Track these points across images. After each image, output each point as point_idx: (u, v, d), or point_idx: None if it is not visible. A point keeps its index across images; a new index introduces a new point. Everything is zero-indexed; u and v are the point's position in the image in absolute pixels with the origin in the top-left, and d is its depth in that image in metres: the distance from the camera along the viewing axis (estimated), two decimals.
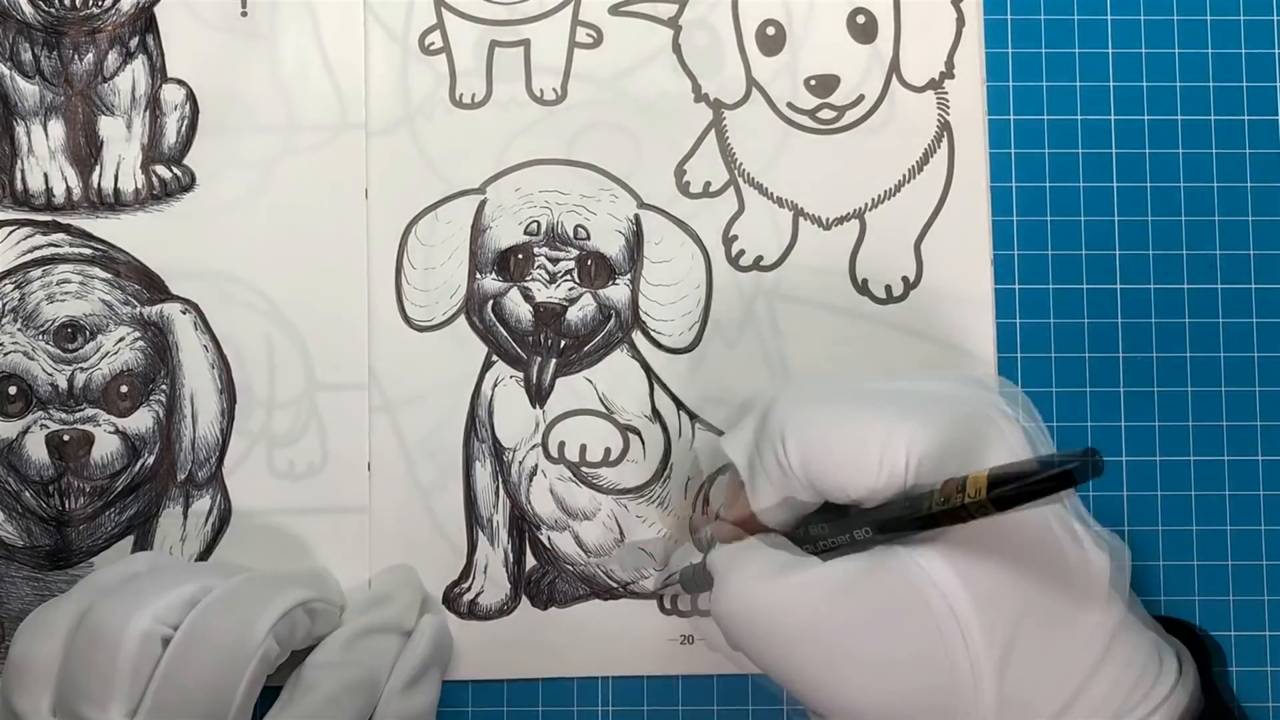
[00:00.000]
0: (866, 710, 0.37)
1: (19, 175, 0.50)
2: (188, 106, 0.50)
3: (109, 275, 0.49)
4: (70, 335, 0.49)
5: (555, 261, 0.50)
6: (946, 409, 0.39)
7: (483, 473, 0.50)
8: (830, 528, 0.40)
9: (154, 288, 0.50)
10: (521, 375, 0.50)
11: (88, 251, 0.49)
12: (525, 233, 0.50)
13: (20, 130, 0.50)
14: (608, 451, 0.49)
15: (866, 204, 0.50)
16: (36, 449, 0.48)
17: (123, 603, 0.41)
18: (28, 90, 0.50)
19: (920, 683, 0.36)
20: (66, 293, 0.49)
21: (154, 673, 0.40)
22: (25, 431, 0.48)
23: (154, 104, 0.50)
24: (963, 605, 0.36)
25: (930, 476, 0.37)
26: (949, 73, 0.51)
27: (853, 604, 0.37)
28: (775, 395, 0.41)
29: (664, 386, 0.50)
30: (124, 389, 0.49)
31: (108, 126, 0.50)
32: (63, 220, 0.50)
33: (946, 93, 0.51)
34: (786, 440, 0.39)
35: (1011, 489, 0.34)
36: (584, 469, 0.49)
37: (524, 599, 0.49)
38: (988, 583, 0.36)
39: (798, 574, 0.38)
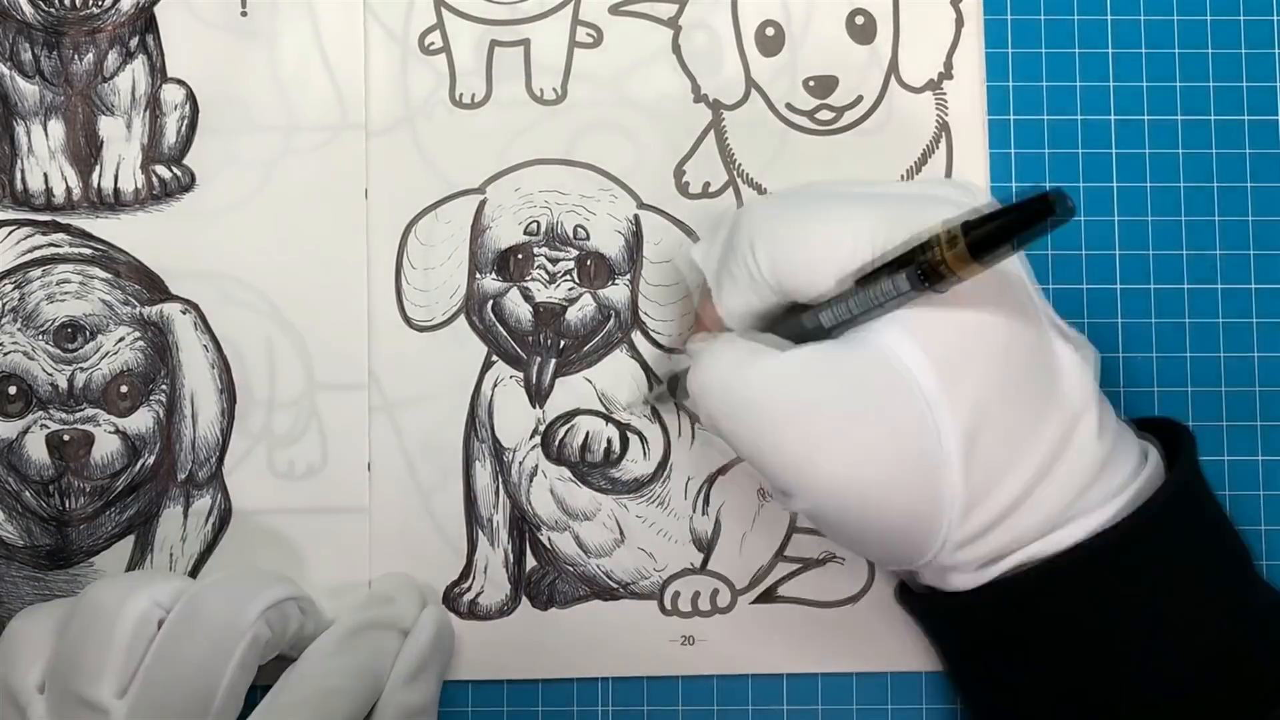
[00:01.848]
0: (838, 488, 0.37)
1: (19, 175, 0.50)
2: (188, 106, 0.50)
3: (109, 275, 0.49)
4: (70, 335, 0.49)
5: (555, 261, 0.50)
6: (911, 201, 0.39)
7: (483, 473, 0.50)
8: (804, 317, 0.40)
9: (154, 288, 0.50)
10: (521, 375, 0.50)
11: (88, 251, 0.50)
12: (525, 233, 0.50)
13: (20, 130, 0.50)
14: (608, 451, 0.49)
15: None
16: (36, 449, 0.48)
17: (120, 583, 0.42)
18: (28, 90, 0.50)
19: (889, 462, 0.36)
20: (66, 293, 0.49)
21: (146, 652, 0.41)
22: (25, 431, 0.48)
23: (154, 104, 0.50)
24: (929, 383, 0.36)
25: None
26: (948, 73, 0.51)
27: (821, 383, 0.37)
28: (743, 207, 0.42)
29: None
30: (124, 389, 0.49)
31: (108, 126, 0.50)
32: (63, 220, 0.50)
33: (945, 93, 0.51)
34: (755, 245, 0.40)
35: (990, 227, 0.33)
36: (584, 469, 0.49)
37: (524, 599, 0.49)
38: (954, 362, 0.36)
39: (770, 356, 0.39)
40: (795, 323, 0.41)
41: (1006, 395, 0.37)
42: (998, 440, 0.37)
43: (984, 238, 0.33)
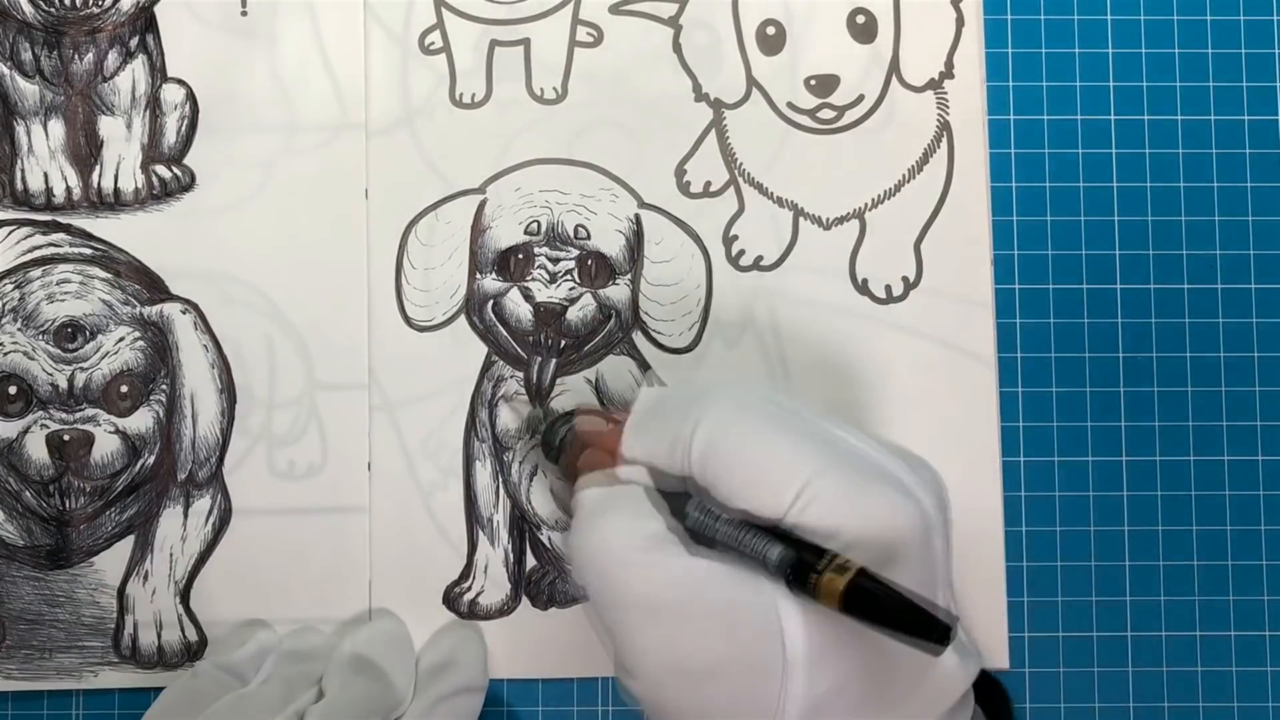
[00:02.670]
0: (674, 697, 0.37)
1: (19, 175, 0.50)
2: (188, 106, 0.50)
3: (109, 275, 0.49)
4: (70, 335, 0.49)
5: (555, 261, 0.50)
6: (868, 486, 0.38)
7: (483, 473, 0.50)
8: (697, 517, 0.39)
9: (154, 288, 0.50)
10: (521, 375, 0.50)
11: (88, 251, 0.49)
12: (525, 233, 0.50)
13: (20, 130, 0.50)
14: None
15: (866, 204, 0.51)
16: (37, 449, 0.48)
17: None
18: (28, 90, 0.50)
19: (727, 698, 0.37)
20: (66, 293, 0.49)
21: None
22: (25, 431, 0.48)
23: (154, 104, 0.50)
24: (795, 652, 0.36)
25: (818, 535, 0.37)
26: (949, 73, 0.51)
27: (698, 601, 0.37)
28: (713, 387, 0.41)
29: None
30: (124, 389, 0.49)
31: (108, 126, 0.50)
32: (63, 220, 0.50)
33: (946, 93, 0.51)
34: (700, 427, 0.39)
35: (871, 603, 0.34)
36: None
37: (524, 599, 0.49)
38: (828, 642, 0.37)
39: (664, 554, 0.38)
40: (680, 499, 0.40)
41: (867, 686, 0.37)
42: None
43: (860, 604, 0.34)
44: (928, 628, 0.33)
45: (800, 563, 0.35)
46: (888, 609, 0.34)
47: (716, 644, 0.37)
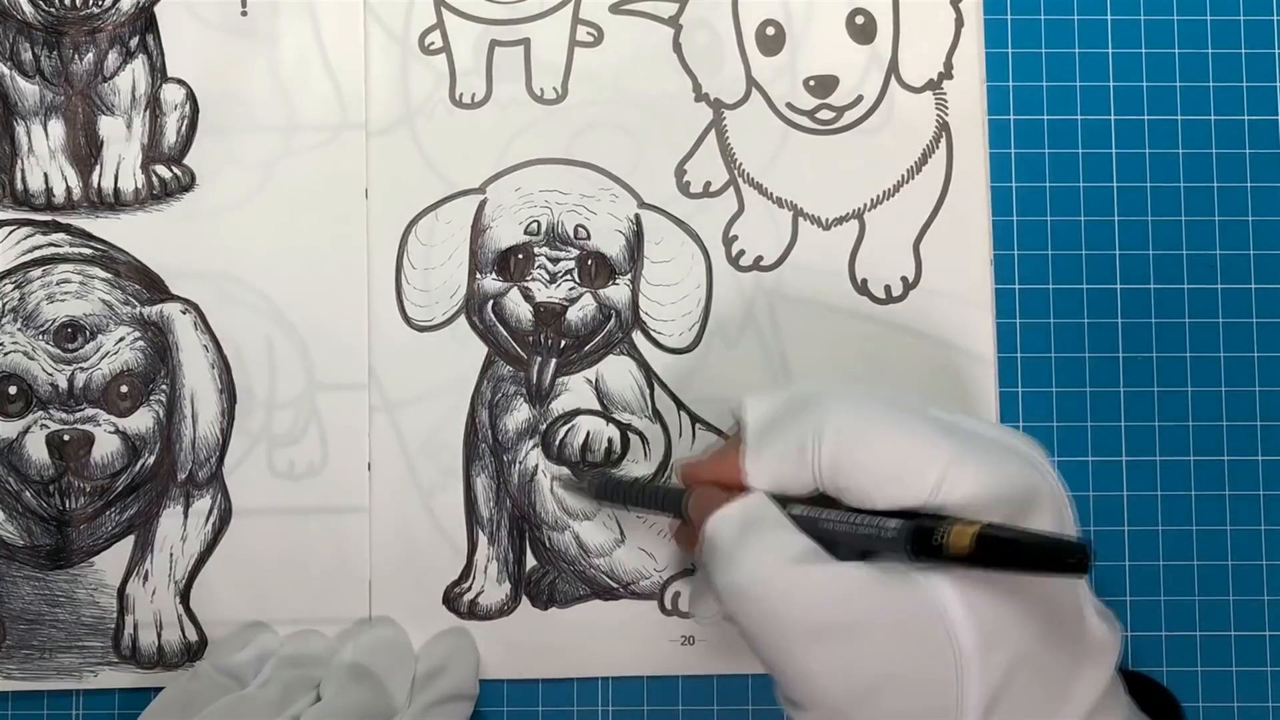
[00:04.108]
0: (849, 716, 0.36)
1: (19, 175, 0.50)
2: (188, 106, 0.50)
3: (109, 275, 0.49)
4: (70, 335, 0.49)
5: (555, 261, 0.50)
6: (992, 450, 0.38)
7: (483, 473, 0.50)
8: (837, 519, 0.39)
9: (154, 288, 0.50)
10: (522, 375, 0.50)
11: (88, 251, 0.49)
12: (525, 232, 0.50)
13: (20, 130, 0.50)
14: (609, 451, 0.49)
15: (866, 204, 0.51)
16: (37, 449, 0.48)
17: None
18: (28, 90, 0.50)
19: (906, 705, 0.36)
20: (66, 293, 0.49)
21: None
22: (25, 431, 0.48)
23: (154, 104, 0.50)
24: (967, 641, 0.36)
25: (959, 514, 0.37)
26: (948, 73, 0.51)
27: (862, 611, 0.36)
28: (826, 388, 0.40)
29: (664, 386, 0.50)
30: (124, 389, 0.49)
31: (108, 126, 0.50)
32: (63, 220, 0.50)
33: (945, 93, 0.51)
34: (824, 433, 0.39)
35: (1003, 550, 0.33)
36: (584, 469, 0.49)
37: (524, 599, 0.49)
38: (995, 624, 0.36)
39: (816, 568, 0.37)
40: (810, 515, 0.39)
41: (1034, 668, 0.36)
42: (1018, 708, 0.36)
43: (992, 548, 0.33)
44: (1064, 553, 0.32)
45: (921, 528, 0.35)
46: (1022, 545, 0.33)
47: (888, 652, 0.36)
